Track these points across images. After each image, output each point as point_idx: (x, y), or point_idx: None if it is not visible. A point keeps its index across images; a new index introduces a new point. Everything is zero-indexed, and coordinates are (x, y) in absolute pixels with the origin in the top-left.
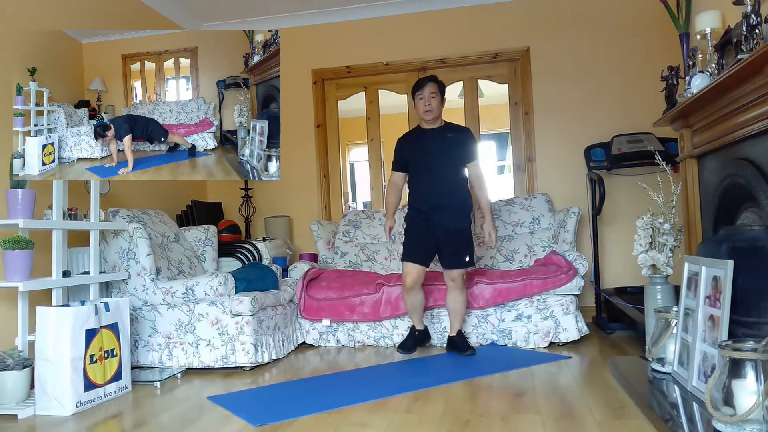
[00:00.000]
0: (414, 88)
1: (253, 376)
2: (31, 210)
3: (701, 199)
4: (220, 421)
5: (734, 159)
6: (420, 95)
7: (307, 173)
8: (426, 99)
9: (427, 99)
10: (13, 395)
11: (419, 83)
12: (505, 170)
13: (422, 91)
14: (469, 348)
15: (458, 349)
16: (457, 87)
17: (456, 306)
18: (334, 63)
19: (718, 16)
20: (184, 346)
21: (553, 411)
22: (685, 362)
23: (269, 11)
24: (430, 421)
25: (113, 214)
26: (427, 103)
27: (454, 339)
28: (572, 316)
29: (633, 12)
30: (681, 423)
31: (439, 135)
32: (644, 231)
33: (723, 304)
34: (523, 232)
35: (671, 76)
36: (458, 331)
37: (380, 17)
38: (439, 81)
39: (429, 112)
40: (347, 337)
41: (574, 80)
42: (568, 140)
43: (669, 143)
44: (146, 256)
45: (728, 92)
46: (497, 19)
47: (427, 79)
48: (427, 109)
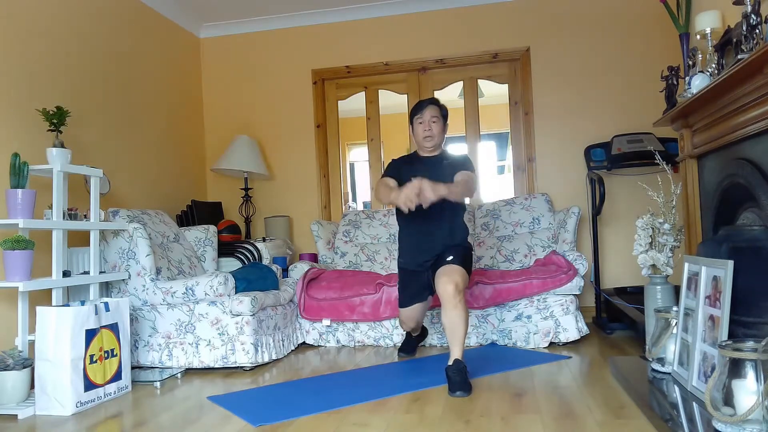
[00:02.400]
0: (413, 111)
1: (253, 376)
2: (31, 210)
3: (701, 199)
4: (220, 421)
5: (734, 159)
6: (419, 119)
7: (307, 173)
8: (426, 123)
9: (427, 124)
10: (13, 395)
11: (419, 106)
12: (505, 170)
13: (422, 115)
14: (461, 388)
15: (450, 383)
16: (457, 87)
17: (450, 323)
18: (334, 63)
19: (718, 16)
20: (184, 346)
21: (553, 411)
22: (685, 362)
23: (269, 11)
24: (430, 421)
25: (113, 214)
26: (427, 128)
27: (447, 370)
28: (572, 316)
29: (633, 12)
30: (681, 423)
31: (437, 161)
32: (644, 231)
33: (723, 304)
34: (523, 232)
35: (671, 76)
36: (455, 360)
37: (380, 17)
38: (441, 105)
39: (429, 138)
40: (347, 337)
41: (574, 80)
42: (568, 140)
43: (669, 143)
44: (146, 256)
45: (728, 92)
46: (497, 19)
47: (428, 102)
48: (427, 135)
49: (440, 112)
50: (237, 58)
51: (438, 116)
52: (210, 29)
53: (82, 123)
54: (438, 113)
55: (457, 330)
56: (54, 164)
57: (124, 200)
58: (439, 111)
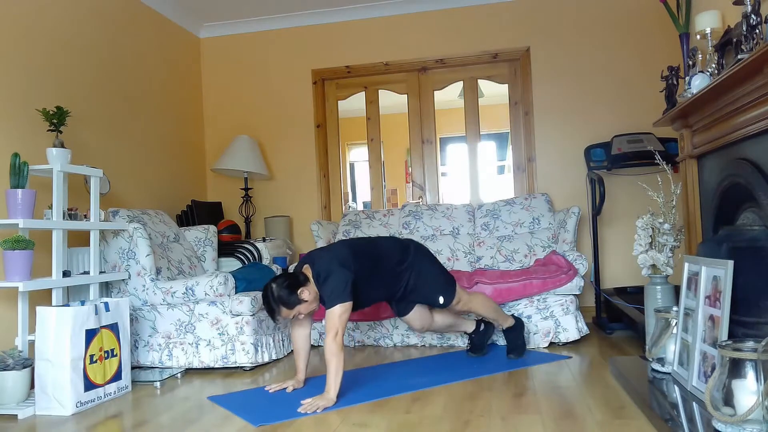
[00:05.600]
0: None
1: (253, 376)
2: (31, 210)
3: (701, 199)
4: (220, 421)
5: (734, 159)
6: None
7: (307, 173)
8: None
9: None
10: (13, 395)
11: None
12: (505, 170)
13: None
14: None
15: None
16: (457, 87)
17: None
18: (334, 63)
19: (718, 16)
20: (184, 346)
21: (553, 411)
22: (685, 362)
23: (269, 11)
24: (430, 421)
25: (113, 214)
26: (294, 316)
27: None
28: (572, 316)
29: (633, 12)
30: (681, 423)
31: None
32: (644, 231)
33: (723, 304)
34: (523, 232)
35: (671, 76)
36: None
37: (380, 17)
38: (281, 302)
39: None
40: (347, 337)
41: (574, 80)
42: (568, 140)
43: (669, 143)
44: (146, 256)
45: (728, 92)
46: (497, 19)
47: (273, 313)
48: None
49: (288, 307)
50: (237, 58)
51: (290, 309)
52: (210, 29)
53: (82, 123)
54: (288, 309)
55: (483, 310)
56: (54, 164)
57: (124, 200)
58: (287, 307)
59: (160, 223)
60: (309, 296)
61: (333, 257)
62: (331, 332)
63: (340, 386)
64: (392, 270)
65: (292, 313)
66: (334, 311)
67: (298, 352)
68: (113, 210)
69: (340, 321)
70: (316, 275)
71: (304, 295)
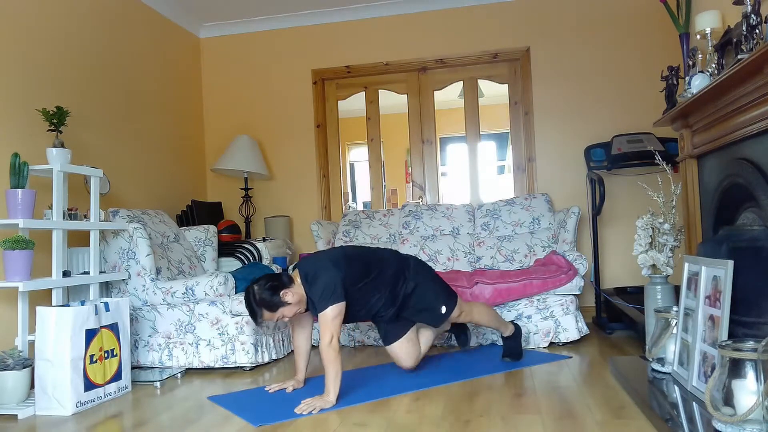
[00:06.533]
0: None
1: (253, 376)
2: (31, 210)
3: (701, 199)
4: (220, 421)
5: (734, 159)
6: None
7: (307, 173)
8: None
9: (278, 319)
10: (13, 395)
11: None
12: (505, 170)
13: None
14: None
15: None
16: (457, 87)
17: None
18: (334, 63)
19: (718, 16)
20: (184, 346)
21: (553, 411)
22: (685, 362)
23: (269, 11)
24: (430, 421)
25: (113, 214)
26: (279, 319)
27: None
28: (572, 316)
29: (633, 12)
30: (681, 423)
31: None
32: (644, 231)
33: (723, 304)
34: (523, 232)
35: (671, 76)
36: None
37: (380, 17)
38: (261, 307)
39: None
40: (347, 337)
41: (574, 80)
42: (568, 140)
43: (669, 143)
44: (146, 256)
45: (728, 92)
46: (497, 19)
47: (256, 317)
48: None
49: (270, 309)
50: (237, 58)
51: (273, 312)
52: (210, 29)
53: (82, 123)
54: (270, 312)
55: (485, 319)
56: (54, 164)
57: (124, 200)
58: (269, 310)
59: (160, 223)
60: (292, 298)
61: (323, 257)
62: (326, 337)
63: (339, 389)
64: (387, 279)
65: (275, 316)
66: (326, 314)
67: (298, 352)
68: (113, 210)
69: (333, 324)
70: (304, 275)
71: (288, 297)
